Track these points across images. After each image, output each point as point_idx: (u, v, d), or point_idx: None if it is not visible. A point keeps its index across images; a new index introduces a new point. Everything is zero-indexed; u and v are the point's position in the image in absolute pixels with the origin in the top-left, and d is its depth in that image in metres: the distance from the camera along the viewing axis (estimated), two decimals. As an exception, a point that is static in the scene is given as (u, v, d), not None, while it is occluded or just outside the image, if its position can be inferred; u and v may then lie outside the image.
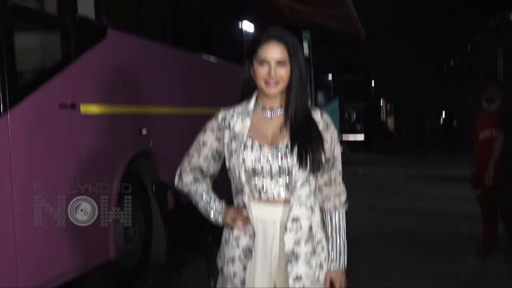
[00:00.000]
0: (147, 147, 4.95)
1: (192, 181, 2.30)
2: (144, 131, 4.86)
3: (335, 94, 15.31)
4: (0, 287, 3.30)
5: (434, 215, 8.21)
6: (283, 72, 2.14)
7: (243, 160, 2.13)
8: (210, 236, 4.94)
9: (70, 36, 3.95)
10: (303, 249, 2.16)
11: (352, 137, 21.84)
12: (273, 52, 2.13)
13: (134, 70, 4.82)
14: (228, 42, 7.48)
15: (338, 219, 2.28)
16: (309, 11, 10.57)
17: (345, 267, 2.25)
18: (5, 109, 3.30)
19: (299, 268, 2.15)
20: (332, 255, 2.24)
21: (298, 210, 2.15)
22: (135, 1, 5.14)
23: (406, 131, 35.97)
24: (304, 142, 2.14)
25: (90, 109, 4.14)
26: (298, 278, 2.14)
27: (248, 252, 2.16)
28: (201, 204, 2.27)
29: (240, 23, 7.71)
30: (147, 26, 5.36)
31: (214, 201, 2.26)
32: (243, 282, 2.16)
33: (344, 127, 21.81)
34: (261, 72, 2.13)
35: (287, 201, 2.15)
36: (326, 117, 2.25)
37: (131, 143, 4.73)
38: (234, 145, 2.17)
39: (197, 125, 2.45)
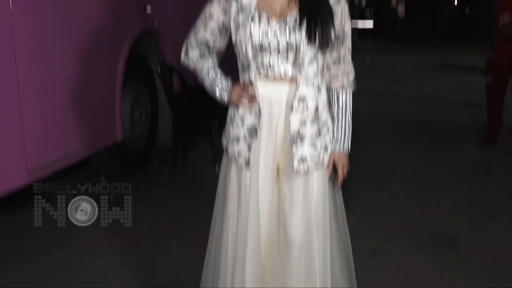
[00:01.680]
0: (152, 26, 4.84)
1: (198, 56, 2.21)
2: (148, 9, 4.72)
3: None
4: (9, 168, 3.33)
5: (439, 103, 8.21)
6: None
7: (250, 34, 2.03)
8: (216, 121, 4.96)
9: None
10: (309, 130, 2.11)
11: (361, 23, 21.31)
12: None
13: None
14: None
15: (345, 98, 2.21)
16: None
17: (349, 149, 2.22)
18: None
19: (304, 149, 2.11)
20: (336, 136, 2.20)
21: (305, 89, 2.09)
22: None
23: (417, 18, 35.10)
24: (314, 15, 2.03)
25: (93, -16, 3.99)
26: (302, 159, 2.11)
27: (253, 131, 2.11)
28: (207, 81, 2.19)
29: None
30: None
31: (220, 78, 2.17)
32: (247, 162, 2.13)
33: (352, 12, 21.24)
34: None
35: (294, 79, 2.08)
36: None
37: (135, 21, 4.61)
38: (241, 17, 2.06)
39: (204, 3, 2.33)
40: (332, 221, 2.24)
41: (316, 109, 2.12)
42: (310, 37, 2.02)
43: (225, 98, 2.15)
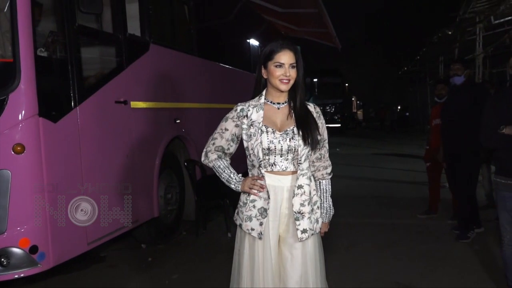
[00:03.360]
0: (181, 133, 4.93)
1: (217, 158, 2.28)
2: (178, 121, 4.83)
3: (312, 94, 15.06)
4: (73, 241, 3.31)
5: (392, 183, 8.18)
6: (294, 73, 2.16)
7: (261, 141, 2.13)
8: (227, 199, 4.96)
9: (122, 49, 3.93)
10: (306, 209, 2.18)
11: (331, 125, 21.69)
12: (288, 57, 2.14)
13: (170, 75, 4.78)
14: (239, 54, 7.42)
15: (325, 185, 2.33)
16: (299, 30, 10.49)
17: (330, 219, 2.35)
18: (75, 105, 3.29)
19: (304, 223, 2.17)
20: (322, 212, 2.29)
21: (302, 179, 2.17)
22: (171, 23, 5.09)
23: (371, 121, 35.80)
24: (306, 127, 2.17)
25: (138, 104, 4.11)
26: (304, 231, 2.17)
27: (264, 211, 2.16)
28: (223, 176, 2.26)
29: (248, 40, 7.65)
30: (180, 42, 5.30)
31: (234, 174, 2.25)
32: (260, 234, 2.16)
33: (325, 118, 21.68)
34: (278, 72, 2.13)
35: (293, 173, 2.17)
36: (318, 109, 2.30)
37: (168, 130, 4.70)
38: (252, 130, 2.16)
39: (217, 116, 2.42)
40: (320, 271, 2.25)
41: (310, 192, 2.20)
42: (305, 141, 2.14)
43: (239, 188, 2.21)
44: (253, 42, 7.86)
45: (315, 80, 21.28)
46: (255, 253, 2.18)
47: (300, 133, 2.15)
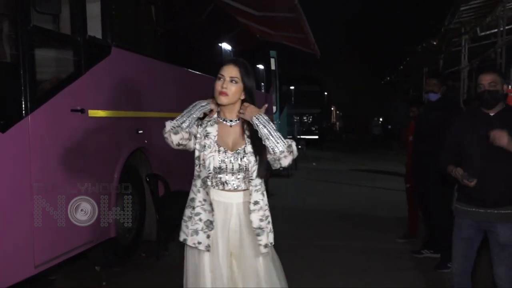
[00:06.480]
0: (143, 145, 4.93)
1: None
2: (140, 132, 4.84)
3: (285, 103, 15.07)
4: (18, 262, 3.26)
5: (370, 202, 8.34)
6: (234, 88, 2.34)
7: (213, 158, 2.32)
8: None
9: (81, 52, 3.93)
10: (264, 224, 2.38)
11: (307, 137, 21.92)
12: (230, 70, 2.36)
13: (134, 82, 4.80)
14: (210, 59, 7.46)
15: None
16: (276, 34, 10.64)
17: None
18: (26, 113, 3.27)
19: (265, 238, 2.37)
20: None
21: (256, 195, 2.37)
22: (135, 24, 5.11)
23: (351, 133, 36.31)
24: (258, 146, 2.36)
25: (97, 113, 4.11)
26: (266, 245, 2.37)
27: (210, 224, 2.33)
28: (186, 114, 2.38)
29: (220, 44, 7.71)
30: (145, 45, 5.32)
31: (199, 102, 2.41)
32: (208, 247, 2.32)
33: (301, 129, 21.93)
34: (217, 85, 2.36)
35: (245, 190, 2.37)
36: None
37: (129, 141, 4.70)
38: (207, 141, 2.35)
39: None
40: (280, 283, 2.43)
41: (265, 208, 2.40)
42: (256, 160, 2.37)
43: (209, 103, 2.40)
44: (226, 46, 7.94)
45: (292, 88, 21.53)
46: (200, 269, 2.32)
47: (252, 152, 2.36)
